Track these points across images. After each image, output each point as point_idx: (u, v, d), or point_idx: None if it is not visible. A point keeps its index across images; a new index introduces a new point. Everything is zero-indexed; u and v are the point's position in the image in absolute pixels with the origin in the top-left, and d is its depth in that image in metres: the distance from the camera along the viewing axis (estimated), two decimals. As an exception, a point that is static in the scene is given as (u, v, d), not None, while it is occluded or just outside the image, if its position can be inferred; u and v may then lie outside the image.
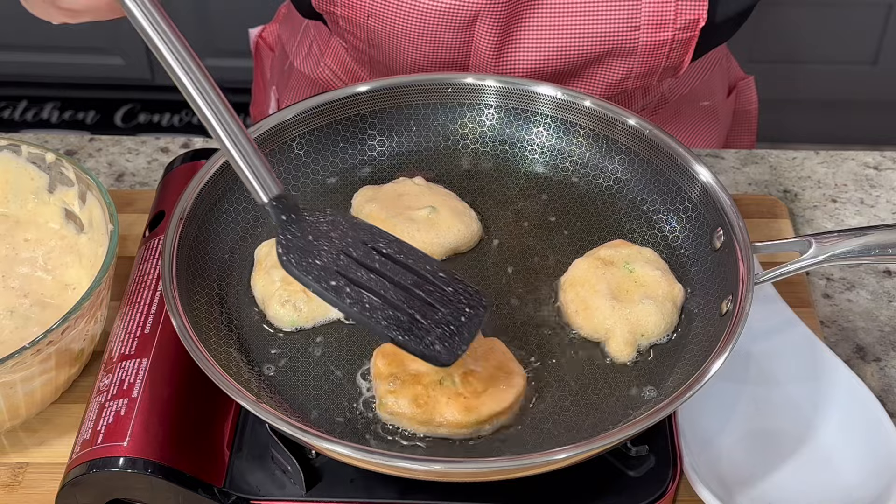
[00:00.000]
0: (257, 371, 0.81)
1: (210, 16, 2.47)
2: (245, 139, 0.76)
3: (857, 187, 1.13)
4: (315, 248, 0.75)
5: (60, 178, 0.95)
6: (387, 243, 0.77)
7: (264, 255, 0.87)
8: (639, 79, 1.06)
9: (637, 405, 0.80)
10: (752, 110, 1.36)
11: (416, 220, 0.89)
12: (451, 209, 0.90)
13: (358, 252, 0.76)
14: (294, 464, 0.78)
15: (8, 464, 0.87)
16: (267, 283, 0.85)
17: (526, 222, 0.93)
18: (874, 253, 0.82)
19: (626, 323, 0.83)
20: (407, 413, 0.77)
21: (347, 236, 0.76)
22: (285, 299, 0.84)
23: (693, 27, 1.01)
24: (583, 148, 0.96)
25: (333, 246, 0.75)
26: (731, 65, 1.33)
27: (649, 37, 1.01)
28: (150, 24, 0.74)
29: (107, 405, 0.80)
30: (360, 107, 0.96)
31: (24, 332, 0.89)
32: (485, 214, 0.93)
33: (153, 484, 0.77)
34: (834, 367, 0.90)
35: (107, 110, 2.67)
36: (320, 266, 0.74)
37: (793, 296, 0.97)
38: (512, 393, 0.78)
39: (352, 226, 0.77)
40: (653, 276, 0.85)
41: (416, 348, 0.73)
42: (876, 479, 0.83)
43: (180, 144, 1.16)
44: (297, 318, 0.84)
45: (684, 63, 1.05)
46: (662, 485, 0.80)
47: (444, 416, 0.77)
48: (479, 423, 0.77)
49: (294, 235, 0.75)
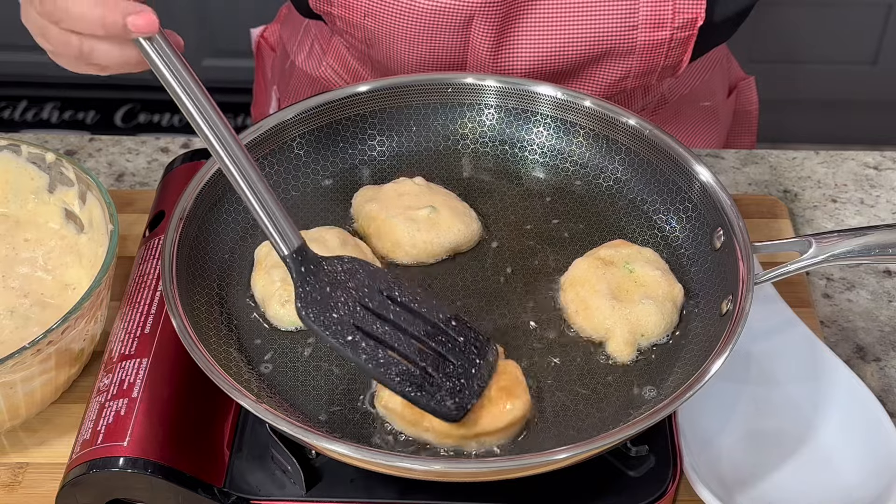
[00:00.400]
0: (257, 371, 0.81)
1: (210, 16, 2.47)
2: (266, 192, 0.77)
3: (857, 187, 1.13)
4: (332, 299, 0.76)
5: (60, 178, 0.95)
6: (401, 291, 0.78)
7: (264, 255, 0.87)
8: (638, 78, 1.06)
9: (637, 405, 0.80)
10: (752, 111, 1.36)
11: (417, 220, 0.89)
12: (451, 209, 0.90)
13: (374, 303, 0.77)
14: (294, 464, 0.78)
15: (8, 464, 0.87)
16: (267, 283, 0.85)
17: (526, 223, 0.93)
18: (874, 253, 0.82)
19: (626, 323, 0.83)
20: (398, 410, 0.77)
21: (364, 286, 0.78)
22: (285, 299, 0.83)
23: (691, 26, 1.01)
24: (583, 148, 0.96)
25: (350, 297, 0.77)
26: (731, 65, 1.32)
27: (647, 36, 1.01)
28: (178, 86, 0.76)
29: (107, 405, 0.80)
30: (360, 107, 0.96)
31: (24, 332, 0.89)
32: (484, 214, 0.93)
33: (153, 484, 0.77)
34: (834, 367, 0.90)
35: (107, 110, 2.67)
36: (337, 320, 0.76)
37: (793, 296, 0.97)
38: (508, 417, 0.76)
39: (368, 273, 0.78)
40: (653, 276, 0.85)
41: (427, 404, 0.74)
42: (876, 479, 0.83)
43: (180, 144, 1.16)
44: (297, 318, 0.83)
45: (683, 62, 1.05)
46: (662, 485, 0.80)
47: (431, 422, 0.76)
48: (464, 438, 0.76)
49: (312, 288, 0.77)
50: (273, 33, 1.39)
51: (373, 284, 0.78)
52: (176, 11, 2.47)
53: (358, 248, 0.88)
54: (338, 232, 0.88)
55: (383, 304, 0.77)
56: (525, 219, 0.93)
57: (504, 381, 0.78)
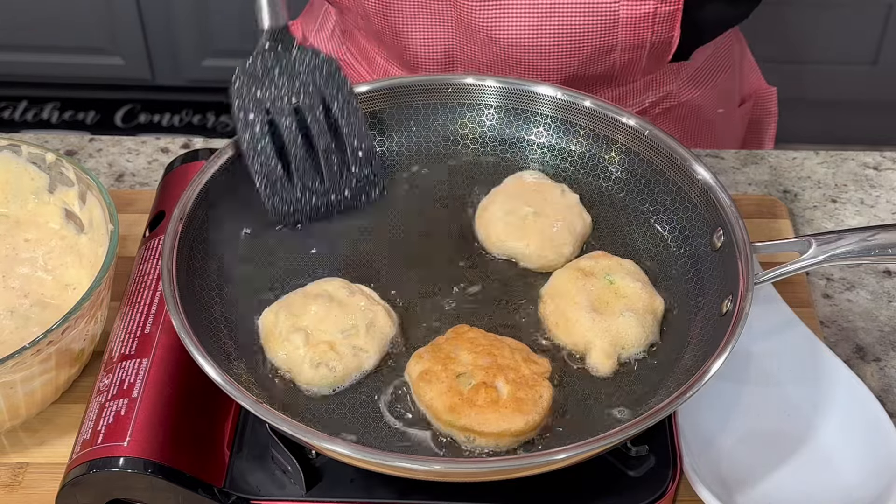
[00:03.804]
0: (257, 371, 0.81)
1: (210, 16, 2.47)
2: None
3: (857, 187, 1.13)
4: (270, 79, 0.79)
5: (60, 178, 0.95)
6: (341, 106, 0.80)
7: (271, 323, 0.82)
8: (625, 52, 1.06)
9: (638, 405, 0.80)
10: (769, 121, 1.35)
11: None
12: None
13: (306, 101, 0.79)
14: (294, 464, 0.79)
15: (8, 464, 0.87)
16: (290, 350, 0.80)
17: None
18: (874, 253, 0.82)
19: (606, 335, 0.82)
20: (413, 376, 0.78)
21: (312, 82, 0.80)
22: (317, 361, 0.80)
23: (675, 1, 1.01)
24: (583, 148, 0.96)
25: (289, 87, 0.79)
26: (749, 76, 1.32)
27: (630, 10, 1.02)
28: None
29: (107, 405, 0.81)
30: (360, 107, 0.96)
31: (25, 332, 0.89)
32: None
33: (153, 484, 0.77)
34: (834, 367, 0.90)
35: (107, 110, 2.67)
36: (258, 98, 0.78)
37: (793, 296, 0.97)
38: (501, 425, 0.76)
39: (327, 76, 0.80)
40: (633, 288, 0.84)
41: (263, 193, 0.80)
42: (876, 479, 0.83)
43: (180, 144, 1.16)
44: (334, 379, 0.80)
45: (672, 41, 1.05)
46: (662, 485, 0.80)
47: (431, 396, 0.77)
48: (451, 425, 0.76)
49: (262, 63, 0.79)
50: (296, 29, 1.38)
51: (323, 87, 0.80)
52: (176, 11, 2.47)
53: (364, 294, 0.84)
54: (341, 283, 0.85)
55: (313, 106, 0.79)
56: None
57: (522, 393, 0.77)
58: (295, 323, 0.81)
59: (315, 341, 0.80)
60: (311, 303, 0.82)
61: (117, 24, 2.48)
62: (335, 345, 0.80)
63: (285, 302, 0.83)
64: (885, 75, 2.48)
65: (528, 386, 0.77)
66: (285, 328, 0.81)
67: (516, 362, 0.79)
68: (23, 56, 2.59)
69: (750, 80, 1.33)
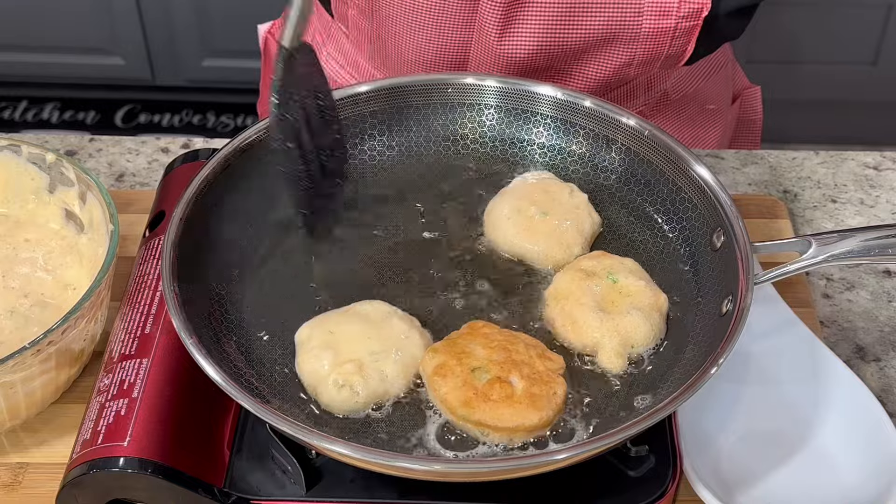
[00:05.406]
0: (257, 371, 0.81)
1: (210, 16, 2.47)
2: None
3: (857, 187, 1.13)
4: (302, 82, 0.87)
5: (60, 178, 0.95)
6: (325, 102, 0.88)
7: (306, 336, 0.82)
8: (641, 66, 1.06)
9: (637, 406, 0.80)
10: (756, 119, 1.35)
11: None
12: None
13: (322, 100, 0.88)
14: (294, 464, 0.79)
15: (8, 464, 0.87)
16: (317, 366, 0.79)
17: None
18: (874, 253, 0.82)
19: (615, 334, 0.82)
20: (428, 370, 0.78)
21: (315, 75, 0.88)
22: (341, 383, 0.78)
23: (696, 16, 1.01)
24: (583, 148, 0.96)
25: (308, 86, 0.88)
26: (736, 73, 1.32)
27: (652, 24, 1.02)
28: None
29: (107, 405, 0.80)
30: (360, 107, 0.96)
31: (25, 333, 0.89)
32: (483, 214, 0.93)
33: (153, 484, 0.77)
34: (834, 368, 0.90)
35: (107, 110, 2.67)
36: (297, 99, 0.86)
37: (793, 296, 0.97)
38: (520, 419, 0.76)
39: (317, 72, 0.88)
40: (637, 286, 0.84)
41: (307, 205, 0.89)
42: (876, 479, 0.83)
43: (180, 145, 1.17)
44: (356, 404, 0.79)
45: (686, 52, 1.05)
46: (662, 485, 0.80)
47: (446, 391, 0.77)
48: (465, 419, 0.76)
49: (292, 72, 0.85)
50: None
51: (318, 85, 0.88)
52: (176, 11, 2.47)
53: (407, 319, 0.84)
54: (381, 305, 0.84)
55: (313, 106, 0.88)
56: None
57: (537, 389, 0.77)
58: (327, 340, 0.80)
59: (342, 360, 0.79)
60: (347, 322, 0.82)
61: (117, 25, 2.48)
62: (363, 366, 0.79)
63: (322, 319, 0.83)
64: (884, 75, 2.48)
65: (542, 382, 0.78)
66: (315, 344, 0.80)
67: (531, 358, 0.79)
68: (23, 56, 2.59)
69: (736, 80, 1.34)
